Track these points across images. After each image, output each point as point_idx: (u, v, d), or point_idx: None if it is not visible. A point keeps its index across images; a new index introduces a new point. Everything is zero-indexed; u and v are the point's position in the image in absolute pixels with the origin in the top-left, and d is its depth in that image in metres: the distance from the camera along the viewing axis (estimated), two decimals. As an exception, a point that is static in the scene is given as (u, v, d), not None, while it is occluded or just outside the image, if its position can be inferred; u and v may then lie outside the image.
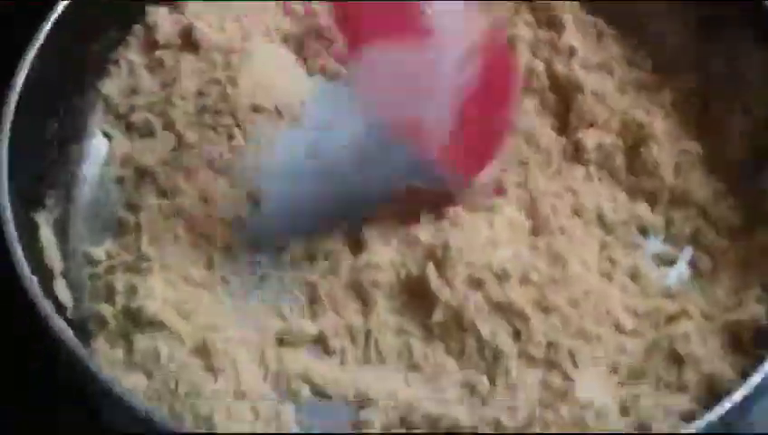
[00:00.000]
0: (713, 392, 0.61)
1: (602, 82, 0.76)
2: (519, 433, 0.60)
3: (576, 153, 0.74)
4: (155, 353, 0.63)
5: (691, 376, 0.62)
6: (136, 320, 0.64)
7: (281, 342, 0.66)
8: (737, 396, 0.57)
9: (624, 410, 0.61)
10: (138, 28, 0.78)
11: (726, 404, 0.57)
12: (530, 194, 0.71)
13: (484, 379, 0.64)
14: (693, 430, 0.56)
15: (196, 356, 0.63)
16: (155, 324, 0.64)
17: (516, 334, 0.65)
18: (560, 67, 0.77)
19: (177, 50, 0.78)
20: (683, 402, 0.61)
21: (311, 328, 0.66)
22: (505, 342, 0.64)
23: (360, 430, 0.63)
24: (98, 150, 0.75)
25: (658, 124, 0.74)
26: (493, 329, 0.65)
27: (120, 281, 0.67)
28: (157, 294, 0.65)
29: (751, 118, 0.73)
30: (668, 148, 0.73)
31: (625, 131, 0.74)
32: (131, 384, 0.61)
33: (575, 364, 0.64)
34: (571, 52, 0.77)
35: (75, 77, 0.75)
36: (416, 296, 0.67)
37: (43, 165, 0.71)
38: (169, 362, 0.62)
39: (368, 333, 0.66)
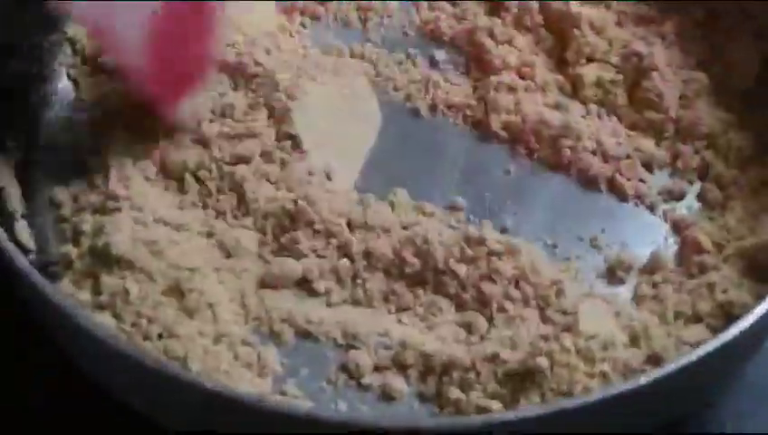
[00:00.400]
0: (730, 321, 0.56)
1: (599, 15, 0.72)
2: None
3: (575, 90, 0.70)
4: (124, 293, 0.58)
5: (704, 305, 0.58)
6: (103, 258, 0.59)
7: (262, 283, 0.61)
8: (752, 318, 0.52)
9: (634, 341, 0.57)
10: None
11: (742, 324, 0.52)
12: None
13: (481, 318, 0.59)
14: (702, 353, 0.51)
15: (170, 296, 0.58)
16: (123, 262, 0.59)
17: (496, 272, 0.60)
18: (554, 2, 0.73)
19: None
20: (697, 332, 0.57)
21: (294, 269, 0.61)
22: (486, 283, 0.60)
23: (349, 372, 0.58)
24: (63, 92, 0.70)
25: (660, 55, 0.70)
26: (469, 271, 0.60)
27: (86, 223, 0.62)
28: (125, 232, 0.60)
29: (758, 45, 0.69)
30: (672, 79, 0.69)
31: (625, 65, 0.70)
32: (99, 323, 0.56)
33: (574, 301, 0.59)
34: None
35: (37, 16, 0.70)
36: None
37: (3, 106, 0.66)
38: (140, 302, 0.58)
39: (355, 274, 0.61)
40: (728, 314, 0.57)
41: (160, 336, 0.57)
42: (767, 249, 0.59)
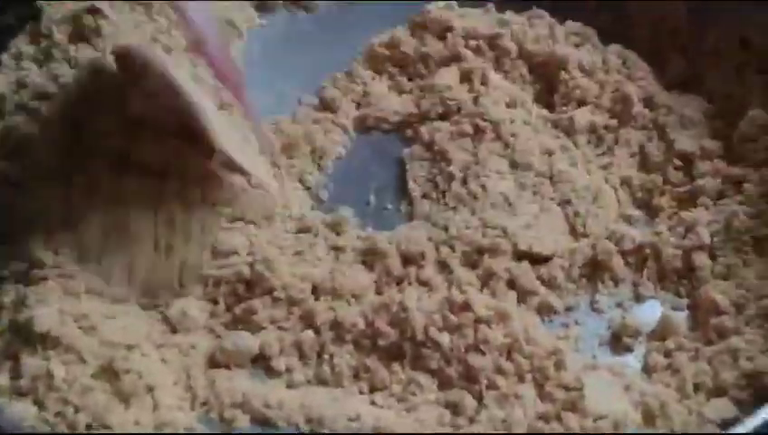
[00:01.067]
0: (759, 393, 0.49)
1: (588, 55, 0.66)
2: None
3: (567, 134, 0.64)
4: (48, 376, 0.50)
5: (728, 375, 0.51)
6: (25, 335, 0.52)
7: (212, 361, 0.54)
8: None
9: (649, 420, 0.49)
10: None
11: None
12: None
13: (468, 396, 0.51)
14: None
15: (102, 379, 0.51)
16: (48, 340, 0.51)
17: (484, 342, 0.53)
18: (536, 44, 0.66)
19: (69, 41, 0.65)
20: (722, 407, 0.49)
21: (250, 344, 0.54)
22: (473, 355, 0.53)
23: (314, 463, 0.49)
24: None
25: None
26: (454, 340, 0.53)
27: (7, 294, 0.54)
28: (52, 304, 0.52)
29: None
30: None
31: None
32: (17, 413, 0.48)
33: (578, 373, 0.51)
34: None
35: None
36: None
37: None
38: (67, 387, 0.50)
39: (321, 348, 0.54)
40: (756, 385, 0.50)
41: (89, 427, 0.49)
42: None
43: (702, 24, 0.66)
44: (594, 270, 0.57)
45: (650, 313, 0.56)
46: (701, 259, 0.56)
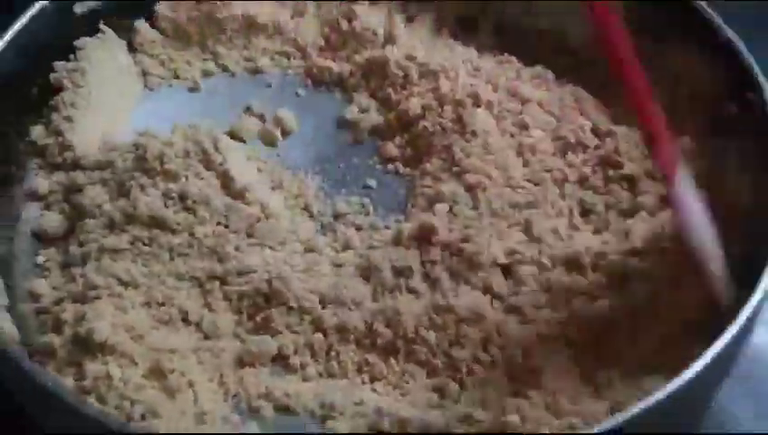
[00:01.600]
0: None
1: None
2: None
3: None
4: (107, 377, 0.59)
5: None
6: (86, 345, 0.61)
7: (239, 361, 0.63)
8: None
9: (598, 394, 0.59)
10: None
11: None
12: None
13: (452, 382, 0.62)
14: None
15: (151, 378, 0.61)
16: (106, 348, 0.60)
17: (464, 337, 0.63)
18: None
19: None
20: (660, 382, 0.59)
21: (269, 346, 0.64)
22: (455, 349, 0.62)
23: (329, 441, 0.60)
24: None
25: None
26: (439, 337, 0.63)
27: (68, 312, 0.64)
28: (106, 318, 0.62)
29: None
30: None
31: None
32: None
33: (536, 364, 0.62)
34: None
35: (11, 120, 0.73)
36: None
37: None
38: (123, 385, 0.59)
39: (329, 348, 0.64)
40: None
41: (143, 417, 0.59)
42: None
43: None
44: (554, 275, 0.68)
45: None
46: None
